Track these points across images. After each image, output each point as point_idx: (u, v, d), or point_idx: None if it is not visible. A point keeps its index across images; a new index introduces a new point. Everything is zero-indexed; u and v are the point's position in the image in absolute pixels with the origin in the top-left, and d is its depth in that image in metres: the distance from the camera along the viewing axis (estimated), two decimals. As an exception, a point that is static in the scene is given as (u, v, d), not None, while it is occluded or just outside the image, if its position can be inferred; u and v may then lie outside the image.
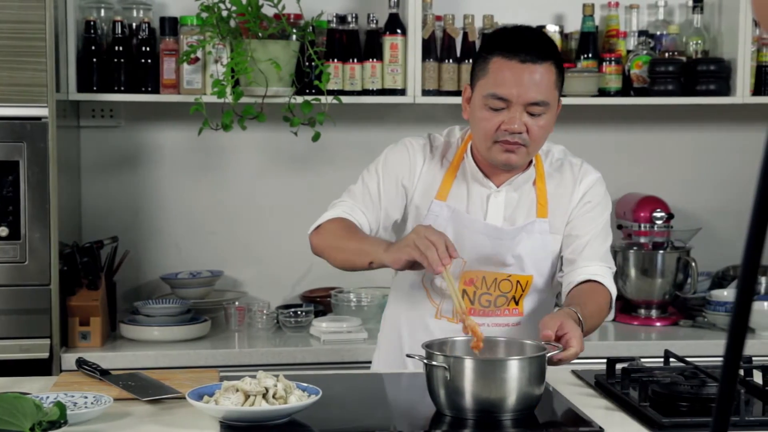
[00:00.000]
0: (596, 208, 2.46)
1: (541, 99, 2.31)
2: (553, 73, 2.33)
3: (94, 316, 3.22)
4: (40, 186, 3.08)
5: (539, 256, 2.43)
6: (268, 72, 3.38)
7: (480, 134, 2.38)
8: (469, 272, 2.40)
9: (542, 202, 2.44)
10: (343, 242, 2.38)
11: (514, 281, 2.42)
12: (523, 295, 2.44)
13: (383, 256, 2.25)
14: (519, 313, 2.44)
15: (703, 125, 3.97)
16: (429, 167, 2.47)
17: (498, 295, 2.42)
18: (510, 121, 2.31)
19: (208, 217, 3.78)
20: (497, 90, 2.31)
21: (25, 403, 1.80)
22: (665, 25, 3.86)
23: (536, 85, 2.31)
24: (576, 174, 2.47)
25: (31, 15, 3.05)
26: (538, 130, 2.33)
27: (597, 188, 2.48)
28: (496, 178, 2.43)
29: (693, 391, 2.08)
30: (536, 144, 2.36)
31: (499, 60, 2.32)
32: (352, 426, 2.04)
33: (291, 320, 3.48)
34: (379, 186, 2.47)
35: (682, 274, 3.63)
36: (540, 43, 2.36)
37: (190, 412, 2.01)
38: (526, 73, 2.30)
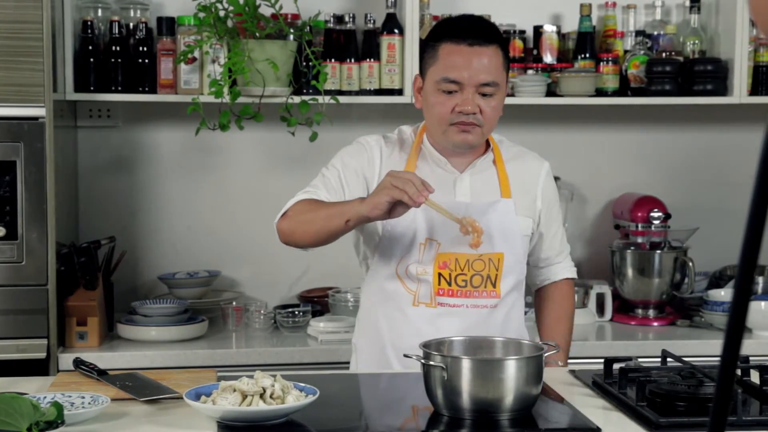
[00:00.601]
0: (556, 204, 2.64)
1: (492, 80, 2.42)
2: (500, 56, 2.45)
3: (92, 316, 3.22)
4: (37, 186, 3.07)
5: (508, 234, 2.49)
6: (266, 72, 3.37)
7: (435, 119, 2.47)
8: (442, 255, 2.45)
9: (504, 183, 2.52)
10: (312, 214, 2.42)
11: (486, 259, 2.46)
12: (498, 275, 2.48)
13: (360, 209, 2.29)
14: (496, 295, 2.48)
15: (701, 125, 3.97)
16: (389, 158, 2.54)
17: (473, 274, 2.46)
18: (464, 102, 2.41)
19: (206, 217, 3.78)
20: (449, 74, 2.42)
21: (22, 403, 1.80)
22: (662, 25, 3.86)
23: (485, 67, 2.42)
24: (533, 160, 2.60)
25: (28, 15, 3.05)
26: (491, 111, 2.44)
27: (551, 179, 2.63)
28: (456, 163, 2.51)
29: (690, 391, 2.08)
30: (489, 124, 2.46)
31: (448, 45, 2.43)
32: (349, 426, 2.04)
33: (288, 320, 3.48)
34: (340, 176, 2.52)
35: (679, 274, 3.64)
36: (485, 28, 2.49)
37: (188, 412, 2.01)
38: (474, 56, 2.42)
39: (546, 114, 3.85)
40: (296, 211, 2.47)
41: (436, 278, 2.45)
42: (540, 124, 3.84)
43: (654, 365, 2.31)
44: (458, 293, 2.45)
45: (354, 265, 3.74)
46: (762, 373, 2.16)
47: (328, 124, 3.56)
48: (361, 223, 2.37)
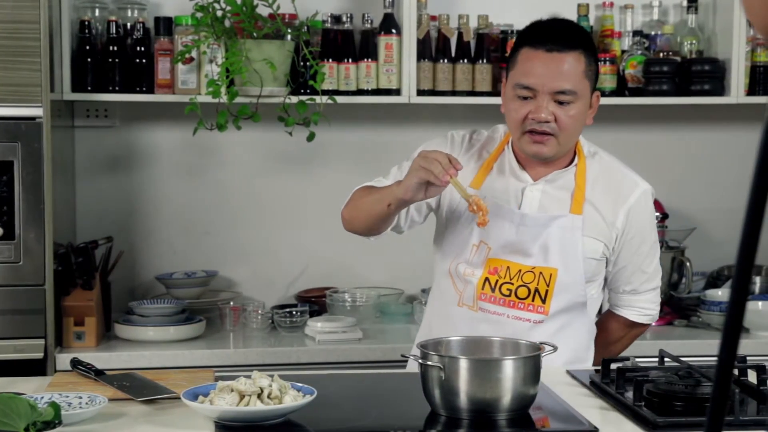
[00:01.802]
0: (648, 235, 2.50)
1: (568, 87, 2.33)
2: (582, 63, 2.36)
3: (89, 316, 3.21)
4: (34, 186, 3.07)
5: (567, 251, 2.40)
6: (263, 72, 3.37)
7: (511, 125, 2.41)
8: (493, 260, 2.40)
9: (578, 200, 2.42)
10: (363, 200, 2.43)
11: (538, 273, 2.39)
12: (549, 291, 2.39)
13: (396, 192, 2.29)
14: (544, 311, 2.40)
15: (698, 125, 3.98)
16: (465, 156, 2.49)
17: (520, 285, 2.39)
18: (537, 110, 2.33)
19: (203, 217, 3.78)
20: (523, 79, 2.35)
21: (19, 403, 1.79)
22: (660, 25, 3.86)
23: (562, 73, 2.33)
24: (622, 183, 2.47)
25: (25, 15, 3.04)
26: (567, 120, 2.35)
27: (643, 207, 2.49)
28: (534, 172, 2.44)
29: (688, 390, 2.08)
30: (567, 134, 2.37)
31: (526, 51, 2.37)
32: (347, 426, 2.04)
33: (286, 320, 3.48)
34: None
35: (676, 274, 3.64)
36: (568, 33, 2.39)
37: (185, 413, 2.01)
38: (552, 61, 2.34)
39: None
40: (354, 198, 2.49)
41: (481, 282, 2.40)
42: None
43: (651, 365, 2.31)
44: (500, 301, 2.40)
45: (351, 266, 3.77)
46: (759, 373, 2.16)
47: (326, 124, 3.56)
48: (401, 206, 2.36)
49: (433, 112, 3.79)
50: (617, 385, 2.17)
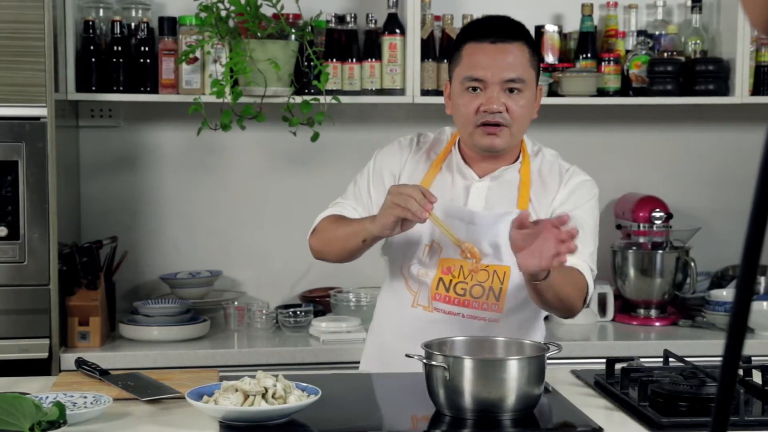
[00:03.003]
0: (584, 206, 2.43)
1: (516, 76, 2.36)
2: (526, 53, 2.39)
3: (94, 316, 3.22)
4: (39, 186, 3.07)
5: None
6: (267, 72, 3.37)
7: (462, 120, 2.42)
8: (446, 260, 2.41)
9: (524, 195, 2.44)
10: (334, 233, 2.45)
11: (491, 271, 2.40)
12: (503, 289, 2.40)
13: (371, 228, 2.32)
14: (498, 309, 2.41)
15: (702, 125, 3.97)
16: (414, 159, 2.52)
17: (474, 284, 2.40)
18: (488, 101, 2.36)
19: (208, 217, 3.78)
20: (472, 72, 2.37)
21: (24, 403, 1.80)
22: (664, 25, 3.86)
23: (509, 63, 2.37)
24: (563, 176, 2.47)
25: (29, 15, 3.05)
26: (519, 110, 2.37)
27: (585, 188, 2.47)
28: (480, 169, 2.46)
29: (692, 391, 2.08)
30: (518, 125, 2.39)
31: (471, 45, 2.40)
32: (351, 426, 2.04)
33: (290, 320, 3.48)
34: (369, 181, 2.53)
35: (681, 274, 3.63)
36: (509, 26, 2.43)
37: (190, 412, 2.01)
38: (498, 52, 2.37)
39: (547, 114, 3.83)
40: (322, 229, 2.51)
41: (435, 282, 2.42)
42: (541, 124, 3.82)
43: (656, 365, 2.31)
44: (455, 301, 2.40)
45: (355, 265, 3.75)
46: (764, 373, 2.16)
47: (330, 124, 3.56)
48: (376, 241, 2.39)
49: (437, 112, 3.78)
50: (622, 385, 2.17)
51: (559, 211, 2.40)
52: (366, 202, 2.51)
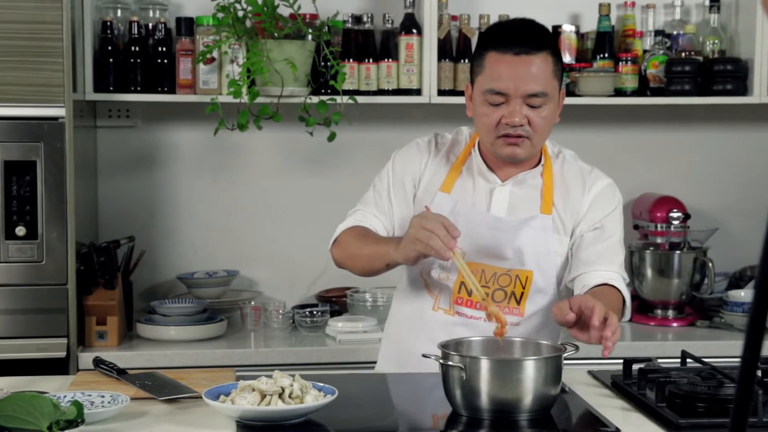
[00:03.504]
0: (610, 216, 2.43)
1: (539, 90, 2.31)
2: (550, 63, 2.33)
3: (111, 315, 3.23)
4: (57, 186, 3.09)
5: (540, 252, 2.40)
6: (284, 72, 3.38)
7: (483, 130, 2.39)
8: (468, 264, 2.39)
9: (547, 199, 2.42)
10: (358, 250, 2.41)
11: (513, 276, 2.40)
12: (525, 293, 2.40)
13: (394, 256, 2.28)
14: (519, 313, 2.41)
15: (720, 125, 3.96)
16: (434, 162, 2.49)
17: (496, 288, 2.40)
18: (510, 114, 2.31)
19: (225, 216, 3.79)
20: (494, 85, 2.32)
21: (42, 402, 1.80)
22: (682, 25, 3.85)
23: (533, 76, 2.31)
24: (586, 178, 2.46)
25: (47, 15, 3.06)
26: (540, 121, 2.33)
27: (608, 194, 2.46)
28: (502, 173, 2.44)
29: (710, 392, 2.07)
30: (540, 135, 2.36)
31: (493, 55, 2.33)
32: (368, 426, 2.04)
33: (307, 320, 3.48)
34: (389, 187, 2.50)
35: (698, 275, 3.62)
36: (534, 34, 2.36)
37: (207, 412, 2.02)
38: (521, 65, 2.31)
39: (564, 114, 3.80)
40: (345, 242, 2.46)
41: (457, 286, 2.40)
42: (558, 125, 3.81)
43: (674, 366, 2.30)
44: (477, 305, 2.39)
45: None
46: (782, 374, 2.15)
47: (347, 124, 3.56)
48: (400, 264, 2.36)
49: (454, 112, 3.78)
50: (639, 386, 2.17)
51: (585, 225, 2.41)
52: (387, 209, 2.48)
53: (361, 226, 2.46)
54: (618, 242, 2.44)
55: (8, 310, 3.08)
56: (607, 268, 2.37)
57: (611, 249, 2.41)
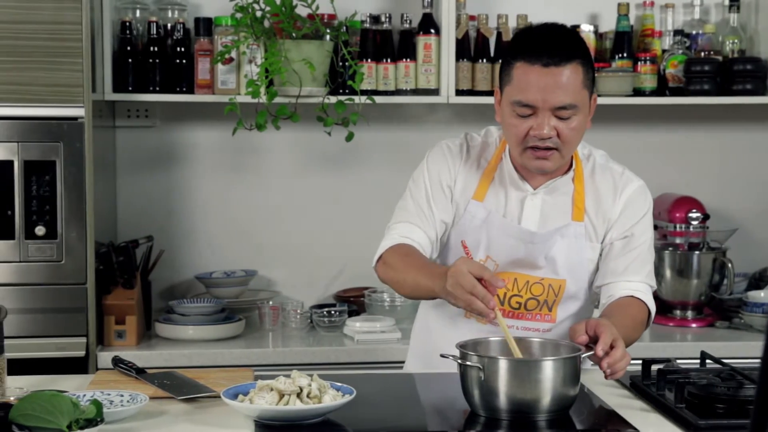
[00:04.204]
0: (640, 223, 2.42)
1: (568, 102, 2.26)
2: (579, 73, 2.27)
3: (130, 314, 3.24)
4: (76, 185, 3.10)
5: (573, 260, 2.39)
6: (302, 72, 3.38)
7: (511, 140, 2.36)
8: (500, 274, 2.36)
9: (579, 206, 2.40)
10: (402, 276, 2.34)
11: (546, 285, 2.39)
12: (557, 301, 2.40)
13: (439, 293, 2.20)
14: (551, 319, 2.41)
15: (740, 125, 3.94)
16: (465, 166, 2.46)
17: (529, 297, 2.40)
18: (538, 126, 2.27)
19: (243, 216, 3.79)
20: (522, 97, 2.27)
21: (62, 401, 1.81)
22: (701, 25, 3.83)
23: (562, 88, 2.25)
24: (617, 182, 2.43)
25: (67, 16, 3.07)
26: (569, 133, 2.29)
27: (639, 199, 2.43)
28: (534, 181, 2.41)
29: (730, 393, 2.06)
30: (569, 146, 2.32)
31: (522, 65, 2.28)
32: (386, 426, 2.04)
33: (325, 320, 3.48)
34: (428, 196, 2.45)
35: (718, 275, 3.61)
36: (563, 44, 2.29)
37: (225, 411, 2.02)
38: (550, 77, 2.25)
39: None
40: (390, 264, 2.38)
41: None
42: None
43: (693, 367, 2.29)
44: (510, 314, 2.38)
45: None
46: (803, 375, 2.13)
47: (365, 124, 3.57)
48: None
49: (472, 112, 3.78)
50: (658, 387, 2.16)
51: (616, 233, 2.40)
52: (428, 217, 2.43)
53: (404, 244, 2.39)
54: (647, 250, 2.43)
55: (28, 309, 3.10)
56: (635, 278, 2.38)
57: (640, 258, 2.41)
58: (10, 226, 3.09)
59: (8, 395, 2.03)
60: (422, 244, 2.41)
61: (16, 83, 3.07)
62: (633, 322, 2.32)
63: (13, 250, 3.10)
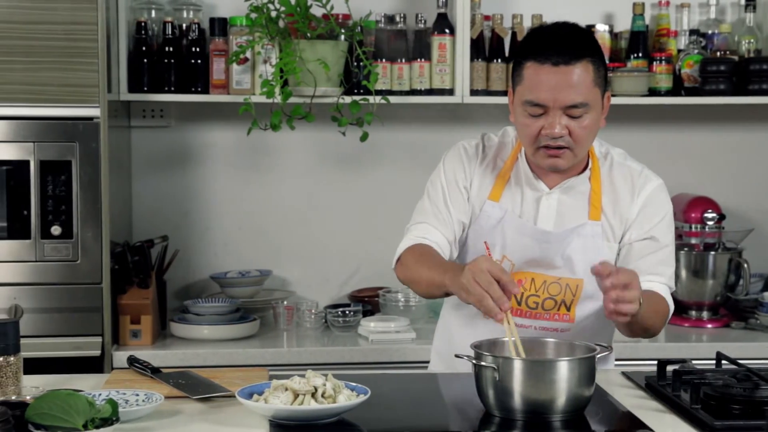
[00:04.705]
0: (661, 224, 2.41)
1: (579, 101, 2.26)
2: (590, 72, 2.27)
3: (145, 314, 3.25)
4: (92, 185, 3.11)
5: (590, 260, 2.34)
6: (317, 72, 3.39)
7: (524, 140, 2.37)
8: (517, 273, 2.37)
9: (596, 205, 2.39)
10: (418, 274, 2.36)
11: (564, 284, 2.39)
12: (575, 300, 2.39)
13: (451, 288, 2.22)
14: (569, 319, 2.40)
15: (755, 125, 3.93)
16: (481, 167, 2.46)
17: (546, 297, 2.39)
18: (550, 126, 2.27)
19: (258, 216, 3.80)
20: (532, 96, 2.28)
21: (78, 400, 1.82)
22: (717, 24, 3.82)
23: (572, 87, 2.25)
24: (636, 180, 2.42)
25: (83, 16, 3.08)
26: (581, 132, 2.28)
27: (658, 198, 2.42)
28: (549, 180, 2.40)
29: (746, 393, 2.05)
30: (581, 145, 2.32)
31: (532, 65, 2.28)
32: (400, 426, 2.04)
33: (339, 320, 3.49)
34: (446, 197, 2.45)
35: (733, 276, 3.59)
36: (572, 42, 2.29)
37: (240, 411, 2.02)
38: (560, 75, 2.25)
39: (598, 114, 3.82)
40: (407, 263, 2.41)
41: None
42: (592, 124, 3.81)
43: (709, 367, 2.29)
44: (527, 314, 2.39)
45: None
46: (819, 376, 2.12)
47: (379, 124, 3.57)
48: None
49: (487, 112, 3.78)
50: (673, 387, 2.15)
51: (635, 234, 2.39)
52: (445, 217, 2.44)
53: (421, 244, 2.41)
54: (669, 253, 2.42)
55: (44, 308, 3.11)
56: (657, 280, 2.37)
57: (662, 261, 2.40)
58: (26, 225, 3.10)
59: (24, 394, 2.04)
60: (440, 244, 2.41)
61: (31, 83, 3.08)
62: (655, 307, 2.31)
63: (29, 249, 3.11)
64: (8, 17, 3.07)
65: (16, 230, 3.10)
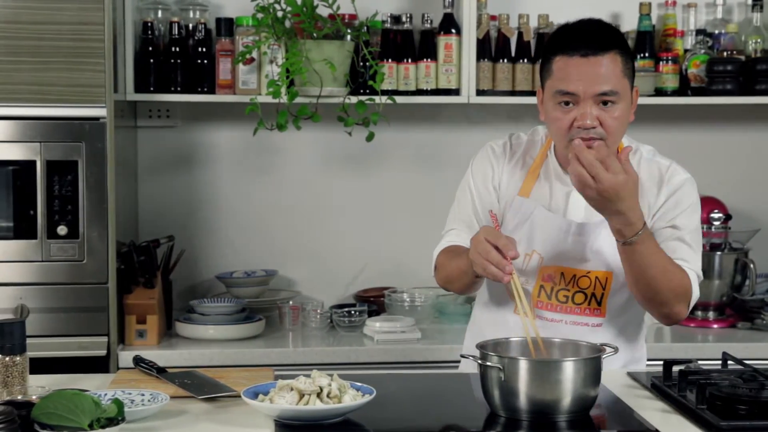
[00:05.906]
0: (687, 211, 2.40)
1: (609, 89, 2.29)
2: (618, 62, 2.31)
3: (151, 314, 3.25)
4: (98, 185, 3.11)
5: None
6: (323, 72, 3.39)
7: (556, 134, 2.38)
8: (546, 267, 2.39)
9: None
10: (449, 270, 2.43)
11: (593, 277, 2.39)
12: (605, 294, 2.39)
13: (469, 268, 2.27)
14: (601, 314, 2.40)
15: (762, 125, 3.92)
16: (509, 165, 2.49)
17: (576, 291, 2.39)
18: (582, 116, 2.29)
19: (263, 216, 3.80)
20: (563, 86, 2.30)
21: (83, 399, 1.82)
22: (723, 24, 3.81)
23: (602, 76, 2.28)
24: (663, 174, 2.43)
25: (89, 16, 3.09)
26: (613, 122, 2.30)
27: (685, 189, 2.43)
28: None
29: (752, 394, 2.05)
30: (613, 136, 2.33)
31: (561, 58, 2.32)
32: (405, 426, 2.04)
33: (345, 320, 3.49)
34: (473, 199, 2.49)
35: (740, 276, 3.59)
36: (600, 34, 2.34)
37: (246, 411, 2.03)
38: (589, 66, 2.29)
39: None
40: (441, 265, 2.49)
41: (536, 290, 2.40)
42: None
43: (715, 368, 2.28)
44: (558, 308, 2.40)
45: (410, 265, 3.76)
46: (826, 377, 2.12)
47: (385, 124, 3.57)
48: None
49: (493, 112, 3.78)
50: (679, 388, 2.15)
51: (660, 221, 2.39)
52: (474, 225, 2.47)
53: (452, 245, 2.47)
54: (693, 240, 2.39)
55: (50, 308, 3.11)
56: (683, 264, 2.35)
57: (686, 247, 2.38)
58: (32, 225, 3.11)
59: (30, 394, 2.04)
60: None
61: (38, 84, 3.09)
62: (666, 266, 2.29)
63: (35, 249, 3.11)
64: (15, 17, 3.07)
65: (23, 230, 3.11)
